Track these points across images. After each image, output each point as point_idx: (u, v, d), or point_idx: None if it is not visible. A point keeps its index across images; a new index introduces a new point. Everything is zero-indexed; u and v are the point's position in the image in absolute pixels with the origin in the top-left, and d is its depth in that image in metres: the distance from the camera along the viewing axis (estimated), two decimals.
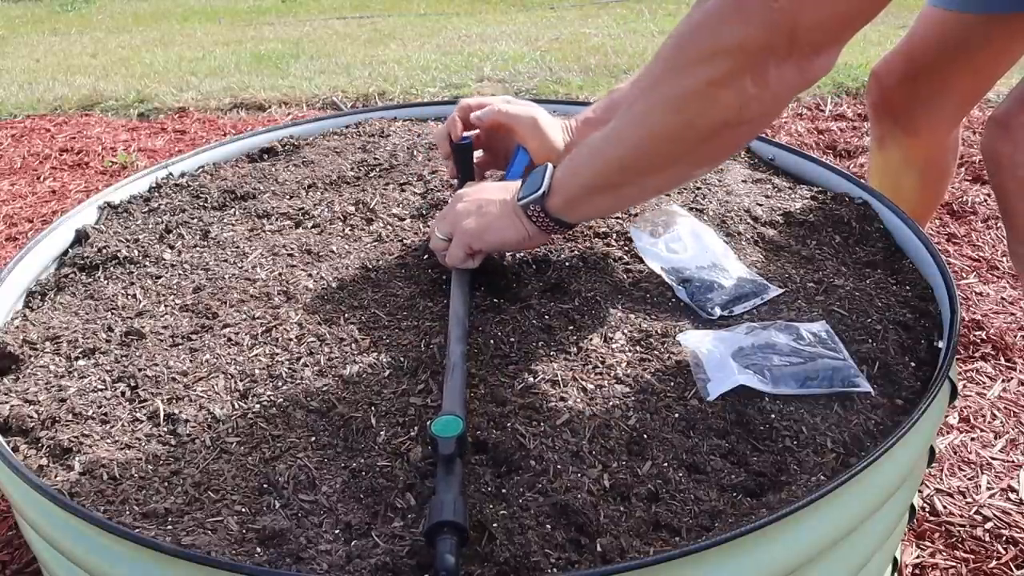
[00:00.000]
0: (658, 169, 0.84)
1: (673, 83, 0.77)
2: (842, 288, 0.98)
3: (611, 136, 0.85)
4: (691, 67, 0.75)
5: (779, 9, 0.70)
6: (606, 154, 0.85)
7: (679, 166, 0.84)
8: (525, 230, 0.93)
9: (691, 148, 0.80)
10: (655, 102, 0.79)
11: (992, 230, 2.15)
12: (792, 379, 0.81)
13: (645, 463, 0.74)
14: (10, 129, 3.45)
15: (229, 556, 0.65)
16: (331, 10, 7.02)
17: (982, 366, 1.61)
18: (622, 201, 0.97)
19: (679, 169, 0.86)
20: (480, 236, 0.94)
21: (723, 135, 0.78)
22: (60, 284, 1.10)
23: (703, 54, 0.74)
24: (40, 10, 7.93)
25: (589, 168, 0.87)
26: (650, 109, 0.80)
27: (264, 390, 0.85)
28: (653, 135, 0.80)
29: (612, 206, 0.98)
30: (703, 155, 0.83)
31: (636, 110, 0.82)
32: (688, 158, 0.83)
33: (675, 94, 0.77)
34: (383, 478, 0.73)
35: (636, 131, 0.82)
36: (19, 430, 0.83)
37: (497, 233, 0.93)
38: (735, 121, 0.76)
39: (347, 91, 3.83)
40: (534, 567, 0.63)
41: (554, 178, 0.90)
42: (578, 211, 0.91)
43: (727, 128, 0.77)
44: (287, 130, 1.59)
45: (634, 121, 0.82)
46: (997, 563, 1.17)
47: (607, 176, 0.86)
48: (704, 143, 0.79)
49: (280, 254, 1.10)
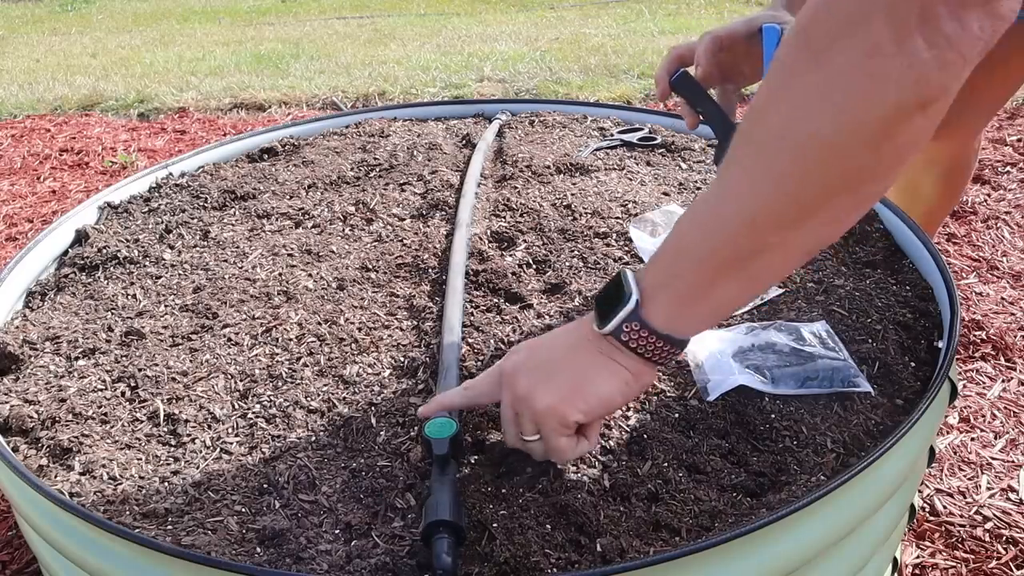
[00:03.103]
0: (810, 209, 0.58)
1: (815, 70, 0.54)
2: (842, 288, 0.98)
3: (722, 188, 0.61)
4: (836, 40, 0.53)
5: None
6: (722, 213, 0.60)
7: (840, 196, 0.57)
8: (625, 370, 0.65)
9: (856, 162, 0.55)
10: (790, 106, 0.56)
11: (992, 230, 2.15)
12: (792, 379, 0.81)
13: (645, 463, 0.74)
14: (10, 129, 3.45)
15: (229, 556, 0.65)
16: (331, 10, 7.02)
17: (982, 366, 1.61)
18: (754, 285, 0.64)
19: (841, 202, 0.58)
20: (570, 405, 0.65)
21: (897, 130, 0.54)
22: (60, 284, 1.10)
23: (850, 18, 0.53)
24: (40, 10, 7.93)
25: (698, 244, 0.61)
26: (787, 119, 0.56)
27: (264, 390, 0.85)
28: (796, 156, 0.56)
29: (742, 293, 0.65)
30: (874, 172, 0.56)
31: (760, 132, 0.58)
32: (853, 181, 0.56)
33: (823, 84, 0.54)
34: (383, 478, 0.73)
35: (766, 160, 0.57)
36: (19, 430, 0.83)
37: (592, 389, 0.66)
38: (912, 102, 0.53)
39: (347, 91, 3.83)
40: (534, 567, 0.63)
41: (643, 280, 0.64)
42: (694, 315, 0.64)
43: (902, 116, 0.53)
44: (287, 130, 1.59)
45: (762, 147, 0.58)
46: (997, 563, 1.17)
47: (732, 245, 0.60)
48: (873, 149, 0.55)
49: (280, 254, 1.10)
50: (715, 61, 0.98)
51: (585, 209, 1.18)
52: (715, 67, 0.99)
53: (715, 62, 0.98)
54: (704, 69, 0.97)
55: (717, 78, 1.01)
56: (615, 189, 1.25)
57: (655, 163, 1.39)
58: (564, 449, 0.68)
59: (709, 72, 0.98)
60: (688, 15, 5.68)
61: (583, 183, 1.28)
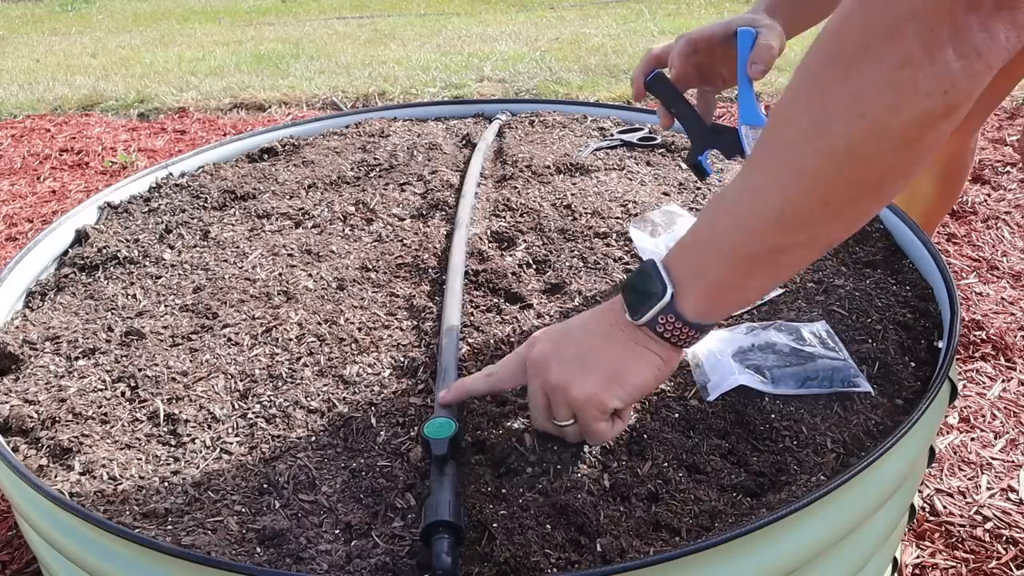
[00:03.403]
0: (838, 209, 0.61)
1: (846, 79, 0.56)
2: (842, 288, 0.98)
3: (754, 184, 0.63)
4: (868, 50, 0.55)
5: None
6: (754, 210, 0.62)
7: (865, 198, 0.61)
8: (657, 357, 0.69)
9: (883, 165, 0.58)
10: (823, 112, 0.58)
11: (992, 230, 2.15)
12: (792, 379, 0.81)
13: (645, 463, 0.74)
14: (10, 129, 3.45)
15: (229, 556, 0.65)
16: (331, 10, 7.02)
17: (982, 366, 1.61)
18: (781, 274, 0.68)
19: (866, 202, 0.62)
20: (609, 393, 0.68)
21: (924, 135, 0.56)
22: (60, 284, 1.10)
23: (883, 28, 0.54)
24: (40, 10, 7.94)
25: (730, 239, 0.64)
26: (816, 124, 0.58)
27: (264, 390, 0.85)
28: (827, 161, 0.58)
29: (768, 284, 0.68)
30: (898, 171, 0.59)
31: (789, 134, 0.60)
32: (879, 181, 0.60)
33: (853, 92, 0.56)
34: (383, 478, 0.73)
35: (797, 161, 0.59)
36: (19, 430, 0.83)
37: (629, 377, 0.69)
38: (940, 110, 0.55)
39: (347, 91, 3.83)
40: (534, 567, 0.63)
41: (675, 271, 0.67)
42: (724, 304, 0.68)
43: (929, 122, 0.56)
44: (287, 130, 1.59)
45: (791, 148, 0.60)
46: (997, 563, 1.17)
47: (763, 242, 0.63)
48: (900, 152, 0.57)
49: (280, 254, 1.10)
50: (690, 63, 0.99)
51: (585, 209, 1.18)
52: (692, 69, 1.00)
53: (690, 64, 0.99)
54: (678, 70, 0.99)
55: (694, 80, 1.02)
56: (615, 189, 1.25)
57: (655, 163, 1.39)
58: (604, 432, 0.71)
59: (684, 73, 1.00)
60: (688, 15, 5.68)
61: (583, 183, 1.28)
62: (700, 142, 1.01)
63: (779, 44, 0.94)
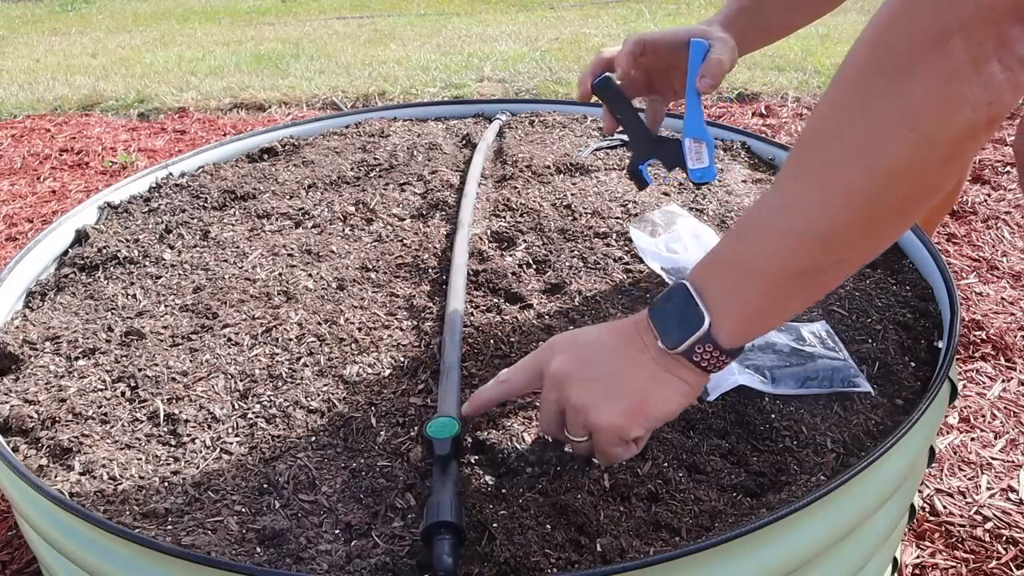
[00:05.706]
0: (884, 226, 0.59)
1: (895, 93, 0.54)
2: (842, 288, 0.98)
3: (794, 204, 0.60)
4: (916, 62, 0.53)
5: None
6: (796, 231, 0.59)
7: (909, 213, 0.59)
8: (684, 383, 0.66)
9: (929, 179, 0.57)
10: (870, 128, 0.56)
11: (992, 230, 2.15)
12: (792, 379, 0.81)
13: (645, 463, 0.74)
14: (10, 129, 3.45)
15: (229, 556, 0.65)
16: (331, 10, 7.03)
17: (982, 366, 1.61)
18: (819, 293, 0.65)
19: (909, 217, 0.60)
20: (632, 422, 0.66)
21: (967, 147, 0.56)
22: (60, 284, 1.10)
23: (930, 40, 0.52)
24: (40, 10, 7.94)
25: (770, 261, 0.61)
26: (865, 141, 0.56)
27: (264, 390, 0.85)
28: (878, 179, 0.56)
29: (805, 305, 0.65)
30: (940, 184, 0.58)
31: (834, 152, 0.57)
32: (923, 195, 0.58)
33: (902, 107, 0.54)
34: (383, 478, 0.73)
35: (844, 181, 0.57)
36: (19, 430, 0.83)
37: (654, 407, 0.66)
38: (984, 122, 0.54)
39: (347, 91, 3.83)
40: (534, 567, 0.63)
41: (708, 297, 0.64)
42: (760, 329, 0.66)
43: (973, 134, 0.55)
44: (287, 130, 1.59)
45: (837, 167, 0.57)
46: (997, 563, 1.17)
47: (805, 263, 0.60)
48: (945, 165, 0.56)
49: (280, 254, 1.10)
50: (637, 65, 0.97)
51: (585, 209, 1.18)
52: (640, 73, 0.98)
53: (637, 67, 0.97)
54: (624, 70, 0.96)
55: (643, 88, 1.00)
56: (615, 189, 1.25)
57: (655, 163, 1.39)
58: (619, 456, 0.70)
59: (630, 76, 0.98)
60: (688, 15, 5.69)
61: (583, 183, 1.28)
62: (642, 151, 0.99)
63: (730, 59, 0.92)
